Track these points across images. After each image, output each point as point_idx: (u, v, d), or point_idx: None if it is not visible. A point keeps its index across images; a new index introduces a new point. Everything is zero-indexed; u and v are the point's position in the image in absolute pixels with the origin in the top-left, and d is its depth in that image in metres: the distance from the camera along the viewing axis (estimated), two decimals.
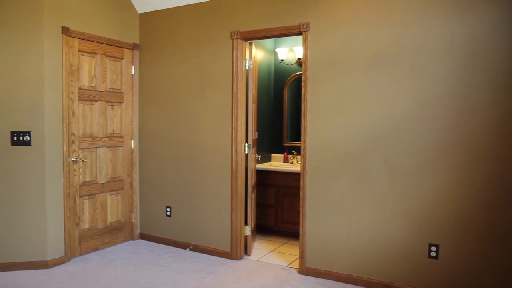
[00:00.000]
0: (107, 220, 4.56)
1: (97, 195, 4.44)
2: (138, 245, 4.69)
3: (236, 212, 4.19)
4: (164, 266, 4.02)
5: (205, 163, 4.36)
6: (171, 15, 4.54)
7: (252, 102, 4.37)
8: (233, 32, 4.11)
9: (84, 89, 4.24)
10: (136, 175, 4.84)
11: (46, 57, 3.86)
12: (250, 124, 4.32)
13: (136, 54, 4.77)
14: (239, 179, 4.18)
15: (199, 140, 4.40)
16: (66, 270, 3.89)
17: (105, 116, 4.47)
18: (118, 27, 4.56)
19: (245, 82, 4.20)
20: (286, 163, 5.37)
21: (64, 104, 4.01)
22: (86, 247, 4.33)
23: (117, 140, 4.63)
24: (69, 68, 4.06)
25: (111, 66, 4.51)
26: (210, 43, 4.28)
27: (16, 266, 3.87)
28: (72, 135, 4.12)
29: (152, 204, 4.80)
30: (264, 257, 4.31)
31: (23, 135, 3.83)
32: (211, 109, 4.30)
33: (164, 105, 4.63)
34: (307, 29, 3.70)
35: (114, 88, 4.56)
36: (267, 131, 5.53)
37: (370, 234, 3.51)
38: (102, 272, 3.85)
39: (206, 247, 4.39)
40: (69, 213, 4.11)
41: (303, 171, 3.79)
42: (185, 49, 4.45)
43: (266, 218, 5.09)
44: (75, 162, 4.17)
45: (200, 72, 4.36)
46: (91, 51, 4.29)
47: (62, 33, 3.98)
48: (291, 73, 5.45)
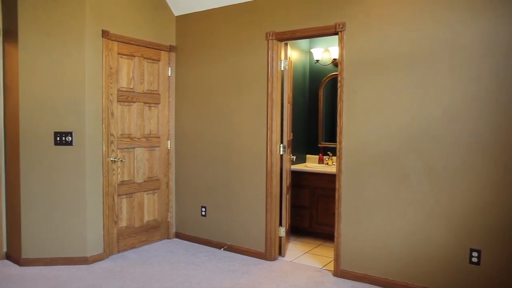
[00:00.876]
0: (144, 219, 4.65)
1: (135, 194, 4.54)
2: (173, 244, 4.76)
3: (271, 213, 4.18)
4: (199, 265, 4.06)
5: (240, 164, 4.38)
6: (207, 17, 4.59)
7: (287, 102, 4.35)
8: (268, 33, 4.11)
9: (122, 90, 4.35)
10: (172, 175, 4.92)
11: (87, 60, 3.99)
12: (285, 124, 4.30)
13: (173, 56, 4.85)
14: (274, 179, 4.17)
15: (234, 141, 4.42)
16: (105, 267, 4.00)
17: (143, 117, 4.57)
18: (155, 30, 4.65)
19: (280, 82, 4.19)
20: (321, 164, 5.32)
21: (103, 105, 4.13)
22: (124, 245, 4.44)
23: (154, 140, 4.72)
24: (109, 70, 4.18)
25: (148, 68, 4.61)
26: (245, 44, 4.29)
27: (58, 262, 4.01)
28: (111, 135, 4.23)
29: (187, 204, 4.86)
30: (299, 258, 4.28)
31: (65, 135, 3.96)
32: (246, 109, 4.31)
33: (200, 106, 4.69)
34: (343, 29, 3.65)
35: (151, 90, 4.65)
36: (302, 132, 5.50)
37: (407, 237, 3.42)
38: (139, 270, 3.94)
39: (240, 247, 4.41)
40: (108, 212, 4.22)
41: (339, 172, 3.73)
42: (220, 50, 4.49)
43: (301, 219, 5.06)
44: (113, 162, 4.28)
45: (235, 73, 4.39)
46: (130, 54, 4.40)
47: (102, 36, 4.09)
48: (327, 73, 5.39)
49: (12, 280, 3.64)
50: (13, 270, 3.88)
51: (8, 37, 4.03)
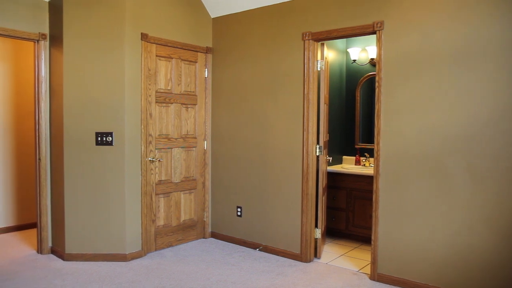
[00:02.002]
0: (181, 218, 4.73)
1: (172, 193, 4.62)
2: (209, 243, 4.81)
3: (307, 214, 4.15)
4: (235, 265, 4.09)
5: (276, 165, 4.38)
6: (243, 18, 4.62)
7: (324, 103, 4.31)
8: (304, 33, 4.08)
9: (160, 92, 4.44)
10: (208, 175, 4.98)
11: (127, 62, 4.10)
12: (322, 125, 4.26)
13: (209, 57, 4.91)
14: (310, 181, 4.13)
15: (270, 142, 4.42)
16: (143, 264, 4.09)
17: (180, 117, 4.65)
18: (192, 32, 4.72)
19: (316, 83, 4.16)
20: (358, 165, 5.23)
21: (142, 106, 4.23)
22: (161, 243, 4.53)
23: (191, 141, 4.79)
24: (147, 72, 4.28)
25: (185, 70, 4.68)
26: (281, 44, 4.29)
27: (99, 258, 4.14)
28: (149, 136, 4.33)
29: (223, 204, 4.90)
30: (334, 260, 4.22)
31: (106, 135, 4.09)
32: (282, 110, 4.31)
33: (236, 107, 4.72)
34: (381, 27, 3.58)
35: (188, 91, 4.72)
36: (339, 133, 5.43)
37: (449, 242, 3.30)
38: (175, 268, 4.00)
39: (275, 248, 4.40)
40: (146, 210, 4.32)
41: (376, 174, 3.66)
42: (256, 51, 4.50)
43: (337, 221, 5.00)
44: (151, 162, 4.37)
45: (271, 73, 4.39)
46: (167, 56, 4.48)
47: (141, 39, 4.20)
48: (364, 73, 5.30)
49: (57, 274, 3.79)
50: (58, 265, 4.04)
51: (54, 42, 4.21)
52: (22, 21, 4.10)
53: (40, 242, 4.36)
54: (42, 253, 4.36)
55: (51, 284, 3.57)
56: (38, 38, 4.21)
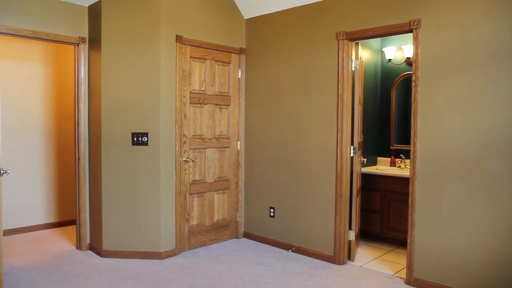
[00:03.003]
0: (214, 218, 4.78)
1: (205, 193, 4.67)
2: (242, 243, 4.83)
3: (340, 216, 4.10)
4: (267, 266, 4.09)
5: (310, 165, 4.35)
6: (276, 19, 4.61)
7: (358, 103, 4.25)
8: (338, 33, 4.04)
9: (194, 93, 4.50)
10: (241, 175, 5.00)
11: (162, 64, 4.18)
12: (356, 126, 4.20)
13: (243, 58, 4.93)
14: (344, 182, 4.08)
15: (303, 142, 4.40)
16: (176, 262, 4.16)
17: (214, 118, 4.70)
18: (226, 33, 4.76)
19: (351, 83, 4.10)
20: (393, 167, 5.13)
21: (177, 107, 4.30)
22: (194, 242, 4.59)
23: (224, 141, 4.83)
24: (182, 73, 4.34)
25: (219, 71, 4.73)
26: (315, 44, 4.26)
27: (134, 255, 4.24)
28: (183, 136, 4.40)
29: (256, 204, 4.91)
30: (369, 264, 4.15)
31: (141, 136, 4.18)
32: (316, 111, 4.27)
33: (269, 107, 4.72)
34: (418, 26, 3.49)
35: (222, 92, 4.76)
36: (373, 134, 5.34)
37: (489, 248, 3.17)
38: (208, 267, 4.04)
39: (308, 249, 4.37)
40: (180, 210, 4.39)
41: (413, 176, 3.57)
42: (289, 52, 4.49)
43: (371, 224, 4.91)
44: (186, 162, 4.44)
45: (304, 74, 4.36)
46: (201, 57, 4.54)
47: (176, 41, 4.27)
48: (399, 73, 5.19)
49: (95, 270, 3.90)
50: (95, 261, 4.16)
51: (93, 45, 4.34)
52: (63, 26, 4.25)
53: (79, 239, 4.51)
54: (81, 249, 4.50)
55: (89, 279, 3.68)
56: (78, 42, 4.35)
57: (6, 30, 3.88)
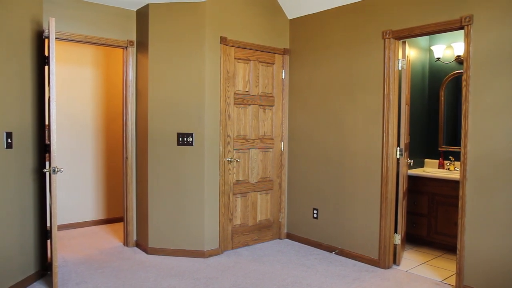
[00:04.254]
0: (257, 218, 4.79)
1: (249, 193, 4.70)
2: (284, 244, 4.82)
3: (385, 219, 4.00)
4: (310, 268, 4.06)
5: (354, 167, 4.28)
6: (320, 19, 4.57)
7: (405, 104, 4.13)
8: (384, 32, 3.95)
9: (238, 93, 4.53)
10: (284, 176, 4.99)
11: (207, 65, 4.24)
12: (403, 127, 4.09)
13: (286, 58, 4.92)
14: (390, 184, 3.98)
15: (347, 143, 4.33)
16: (220, 261, 4.20)
17: (257, 119, 4.72)
18: (270, 34, 4.77)
19: (397, 83, 4.00)
20: (442, 169, 4.94)
21: (221, 108, 4.35)
22: (237, 242, 4.62)
23: (268, 142, 4.83)
24: (226, 74, 4.39)
25: (263, 72, 4.74)
26: (360, 44, 4.18)
27: (178, 253, 4.33)
28: (227, 136, 4.44)
29: (299, 205, 4.89)
30: (415, 269, 4.03)
31: (186, 136, 4.26)
32: (361, 111, 4.20)
33: (313, 108, 4.68)
34: (470, 22, 3.35)
35: (265, 92, 4.78)
36: (420, 135, 5.17)
37: None
38: (251, 267, 4.06)
39: (352, 252, 4.30)
40: (223, 209, 4.43)
41: (463, 179, 3.43)
42: (333, 52, 4.44)
43: (418, 228, 4.76)
44: (229, 162, 4.48)
45: (349, 74, 4.30)
46: (245, 58, 4.57)
47: (220, 43, 4.32)
48: (449, 72, 5.00)
49: (141, 266, 4.02)
50: (141, 257, 4.28)
51: (140, 48, 4.47)
52: (113, 30, 4.41)
53: (126, 236, 4.65)
54: (127, 245, 4.65)
55: (135, 275, 3.80)
56: (127, 45, 4.50)
57: (61, 36, 4.07)
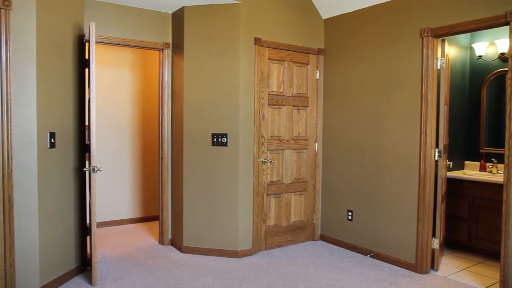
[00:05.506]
0: (291, 219, 4.77)
1: (282, 194, 4.68)
2: (318, 246, 4.77)
3: (423, 222, 3.89)
4: (344, 270, 4.00)
5: (390, 168, 4.18)
6: (355, 18, 4.50)
7: (444, 104, 4.01)
8: (423, 30, 3.84)
9: (273, 94, 4.53)
10: (319, 177, 4.94)
11: (242, 66, 4.26)
12: (441, 128, 3.96)
13: (321, 59, 4.88)
14: (427, 187, 3.87)
15: (383, 144, 4.25)
16: (253, 262, 4.21)
17: (291, 119, 4.70)
18: (304, 34, 4.74)
19: (436, 82, 3.88)
20: (483, 172, 4.76)
21: (255, 108, 4.36)
22: (271, 242, 4.61)
23: (302, 142, 4.80)
24: (260, 75, 4.40)
25: (297, 72, 4.72)
26: (397, 43, 4.09)
27: (212, 252, 4.37)
28: (261, 137, 4.44)
29: (333, 207, 4.83)
30: (454, 275, 3.89)
31: (221, 136, 4.30)
32: (397, 112, 4.10)
33: (348, 109, 4.62)
34: None
35: (300, 93, 4.75)
36: (461, 136, 5.00)
37: None
38: (284, 268, 4.04)
39: (387, 255, 4.21)
40: (257, 210, 4.44)
41: (507, 183, 3.29)
42: (369, 51, 4.36)
43: (457, 232, 4.60)
44: (263, 163, 4.48)
45: (385, 74, 4.21)
46: (280, 59, 4.56)
47: (254, 43, 4.33)
48: (491, 70, 4.81)
49: (176, 264, 4.08)
50: (176, 256, 4.35)
51: (176, 49, 4.55)
52: (149, 33, 4.50)
53: (161, 234, 4.74)
54: (163, 244, 4.73)
55: (171, 273, 3.86)
56: (163, 47, 4.58)
57: (101, 39, 4.19)
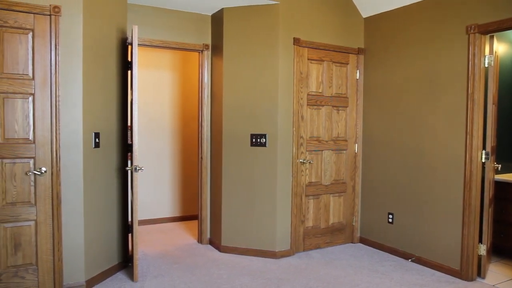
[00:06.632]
0: (329, 221, 4.71)
1: (321, 196, 4.63)
2: (357, 248, 4.69)
3: (468, 227, 3.74)
4: (384, 274, 3.90)
5: (433, 170, 4.05)
6: (396, 16, 4.39)
7: (492, 103, 3.83)
8: (469, 26, 3.69)
9: (312, 94, 4.49)
10: (358, 178, 4.86)
11: (280, 67, 4.25)
12: (489, 128, 3.79)
13: (361, 58, 4.79)
14: (473, 190, 3.72)
15: (426, 145, 4.11)
16: (291, 263, 4.19)
17: (331, 120, 4.64)
18: (344, 34, 4.67)
19: (483, 81, 3.72)
20: None
21: (294, 109, 4.34)
22: (309, 244, 4.58)
23: (341, 143, 4.74)
24: (299, 75, 4.37)
25: (336, 72, 4.65)
26: (441, 41, 3.95)
27: (250, 252, 4.38)
28: (300, 138, 4.42)
29: (373, 209, 4.73)
30: (504, 284, 3.71)
31: (260, 137, 4.30)
32: (440, 112, 3.96)
33: (388, 109, 4.51)
34: None
35: (339, 93, 4.69)
36: (510, 137, 4.77)
37: None
38: (322, 270, 4.00)
39: (430, 260, 4.07)
40: (295, 211, 4.41)
41: None
42: (411, 50, 4.24)
43: (506, 238, 4.38)
44: (302, 163, 4.45)
45: (428, 72, 4.08)
46: (319, 59, 4.51)
47: (293, 44, 4.31)
48: None
49: (214, 264, 4.13)
50: (214, 255, 4.39)
51: (215, 51, 4.60)
52: (189, 35, 4.58)
53: (200, 233, 4.80)
54: (201, 243, 4.79)
55: (209, 272, 3.90)
56: (202, 49, 4.64)
57: (143, 42, 4.30)
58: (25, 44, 3.11)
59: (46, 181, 3.20)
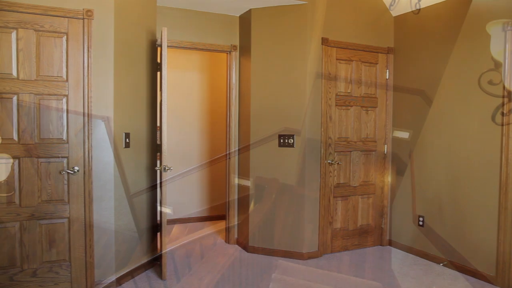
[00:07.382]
0: (358, 223, 4.65)
1: (349, 197, 4.58)
2: (386, 251, 4.61)
3: (505, 232, 3.61)
4: (414, 278, 3.82)
5: (466, 172, 3.93)
6: (427, 14, 4.28)
7: None
8: (506, 23, 3.56)
9: (340, 95, 4.44)
10: (388, 180, 4.77)
11: (309, 67, 4.22)
12: None
13: (391, 58, 4.70)
14: (510, 193, 3.59)
15: (458, 146, 4.00)
16: (318, 264, 4.15)
17: (359, 120, 4.58)
18: (373, 33, 4.60)
19: None
20: None
21: (322, 109, 4.30)
22: (337, 245, 4.53)
23: (370, 144, 4.66)
24: (328, 76, 4.33)
25: (365, 72, 4.59)
26: (473, 39, 3.83)
27: (277, 253, 4.37)
28: (328, 138, 4.38)
29: (403, 212, 4.63)
30: None
31: (288, 138, 4.29)
32: (475, 112, 3.85)
33: (419, 109, 4.41)
34: None
35: (368, 93, 4.62)
36: None
37: None
38: (351, 272, 3.95)
39: (463, 265, 3.96)
40: (323, 212, 4.38)
41: None
42: (442, 48, 4.13)
43: None
44: (330, 164, 4.41)
45: (460, 72, 3.96)
46: (347, 59, 4.46)
47: (322, 44, 4.28)
48: None
49: (241, 263, 4.14)
50: (241, 255, 4.41)
51: (243, 52, 4.61)
52: (217, 36, 4.61)
53: (228, 233, 4.82)
54: (229, 242, 4.81)
55: (236, 271, 3.92)
56: (230, 50, 4.66)
57: (172, 43, 4.36)
58: (60, 47, 3.20)
59: (78, 180, 3.28)
